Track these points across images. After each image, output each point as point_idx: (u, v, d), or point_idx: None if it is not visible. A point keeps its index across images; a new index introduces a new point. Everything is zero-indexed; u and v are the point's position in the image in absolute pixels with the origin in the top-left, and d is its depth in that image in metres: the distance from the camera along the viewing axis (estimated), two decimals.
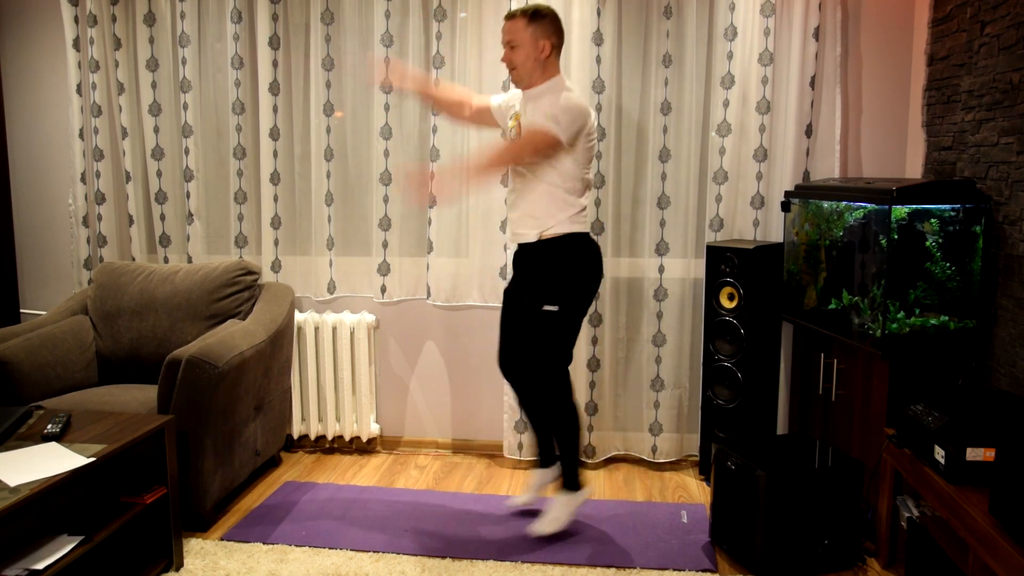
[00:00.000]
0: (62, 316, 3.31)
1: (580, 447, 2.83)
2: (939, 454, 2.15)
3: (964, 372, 2.67)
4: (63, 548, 2.13)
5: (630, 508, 3.04)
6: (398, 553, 2.68)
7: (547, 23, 2.63)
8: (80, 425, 2.44)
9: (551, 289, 2.65)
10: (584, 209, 2.70)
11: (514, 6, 3.26)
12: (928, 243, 2.56)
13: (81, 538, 2.19)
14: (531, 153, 2.59)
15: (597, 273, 2.74)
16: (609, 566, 2.60)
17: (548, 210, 2.65)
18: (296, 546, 2.73)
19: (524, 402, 2.88)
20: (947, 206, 2.57)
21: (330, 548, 2.71)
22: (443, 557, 2.66)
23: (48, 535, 2.19)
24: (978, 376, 2.65)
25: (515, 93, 2.81)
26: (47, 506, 2.03)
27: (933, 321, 2.59)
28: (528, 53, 2.62)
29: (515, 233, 2.76)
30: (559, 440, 2.79)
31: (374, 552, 2.69)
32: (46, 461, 2.14)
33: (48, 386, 3.03)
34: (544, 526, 2.77)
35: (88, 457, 2.17)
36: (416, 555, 2.67)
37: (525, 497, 2.97)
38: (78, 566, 2.31)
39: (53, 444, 2.27)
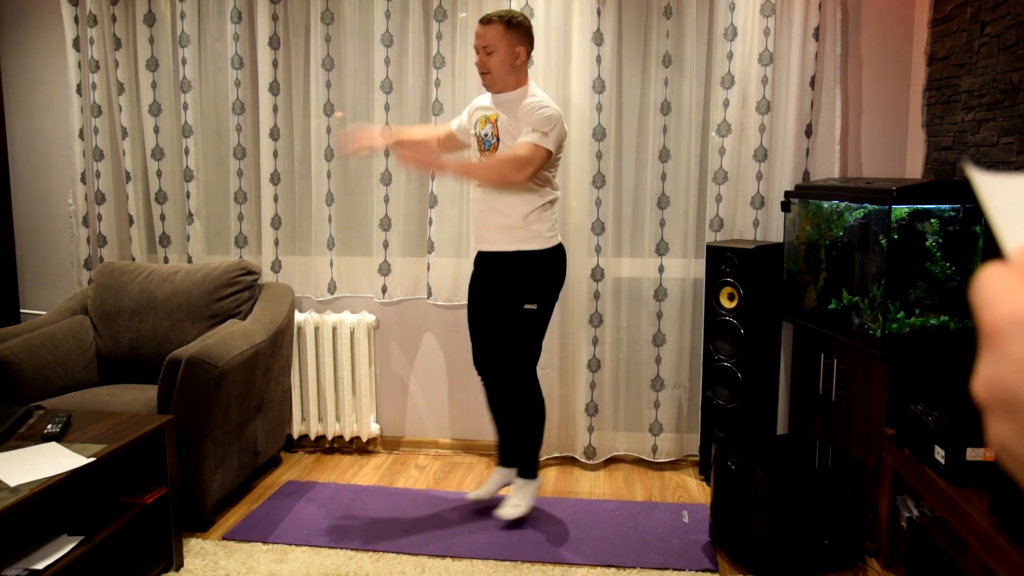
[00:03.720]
0: (62, 316, 3.31)
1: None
2: (939, 454, 2.15)
3: (964, 372, 2.67)
4: (63, 548, 2.13)
5: (630, 508, 3.04)
6: (398, 553, 2.68)
7: (523, 31, 2.68)
8: (80, 425, 2.44)
9: (530, 292, 2.74)
10: (553, 208, 2.76)
11: (514, 7, 3.26)
12: (928, 243, 2.56)
13: (81, 538, 2.19)
14: (527, 175, 2.58)
15: (562, 276, 2.83)
16: (609, 566, 2.60)
17: (524, 221, 2.69)
18: (296, 546, 2.73)
19: (495, 400, 2.96)
20: (947, 206, 2.56)
21: (330, 548, 2.71)
22: (443, 557, 2.66)
23: (48, 535, 2.19)
24: None
25: (475, 103, 2.85)
26: (47, 506, 2.03)
27: (933, 321, 2.59)
28: (504, 59, 2.65)
29: (485, 241, 2.79)
30: (531, 431, 2.88)
31: (374, 552, 2.69)
32: (46, 461, 2.13)
33: (48, 386, 3.03)
34: (509, 511, 2.84)
35: (88, 457, 2.17)
36: (416, 555, 2.67)
37: (482, 492, 3.02)
38: (78, 566, 2.31)
39: (53, 444, 2.27)
